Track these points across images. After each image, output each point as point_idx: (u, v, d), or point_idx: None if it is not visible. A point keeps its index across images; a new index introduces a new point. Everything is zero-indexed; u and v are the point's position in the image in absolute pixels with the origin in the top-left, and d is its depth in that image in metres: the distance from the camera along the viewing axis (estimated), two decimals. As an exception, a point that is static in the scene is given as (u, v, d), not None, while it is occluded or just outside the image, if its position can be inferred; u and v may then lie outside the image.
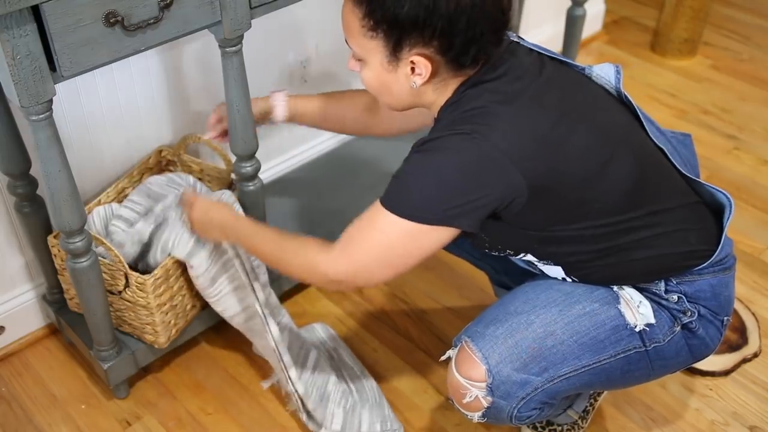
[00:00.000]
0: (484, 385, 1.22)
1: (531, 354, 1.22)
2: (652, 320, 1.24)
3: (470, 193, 1.12)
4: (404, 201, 1.14)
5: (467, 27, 1.09)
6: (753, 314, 1.82)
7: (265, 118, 1.56)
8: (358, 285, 1.25)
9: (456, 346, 1.28)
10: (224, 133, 1.60)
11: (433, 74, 1.16)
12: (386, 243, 1.17)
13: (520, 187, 1.12)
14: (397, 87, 1.19)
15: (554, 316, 1.24)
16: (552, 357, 1.22)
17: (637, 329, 1.24)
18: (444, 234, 1.16)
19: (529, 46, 1.24)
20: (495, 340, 1.23)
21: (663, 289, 1.26)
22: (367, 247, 1.18)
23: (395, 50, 1.13)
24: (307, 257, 1.24)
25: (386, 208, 1.15)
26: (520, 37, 1.26)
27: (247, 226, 1.38)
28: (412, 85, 1.18)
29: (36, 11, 1.07)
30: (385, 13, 1.10)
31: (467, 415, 1.28)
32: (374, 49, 1.15)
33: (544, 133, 1.14)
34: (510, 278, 1.57)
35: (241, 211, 1.55)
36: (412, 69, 1.15)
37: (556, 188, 1.16)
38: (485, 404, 1.24)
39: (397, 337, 1.79)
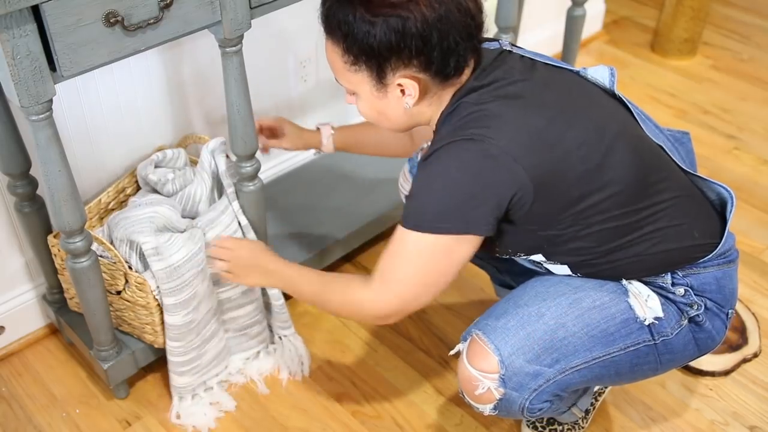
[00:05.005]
0: (496, 376, 1.23)
1: (543, 345, 1.23)
2: (661, 314, 1.25)
3: (479, 194, 1.14)
4: (420, 217, 1.17)
5: (440, 40, 1.12)
6: (753, 314, 1.82)
7: (313, 147, 1.66)
8: (408, 312, 1.27)
9: (465, 340, 1.29)
10: (265, 150, 1.65)
11: (423, 92, 1.19)
12: (418, 266, 1.20)
13: (525, 183, 1.14)
14: (392, 111, 1.23)
15: (565, 309, 1.25)
16: (564, 348, 1.23)
17: (646, 323, 1.25)
18: (467, 242, 1.18)
19: (521, 53, 1.26)
20: (507, 332, 1.24)
21: (669, 282, 1.27)
22: (405, 275, 1.21)
23: (380, 77, 1.17)
24: (354, 304, 1.27)
25: (407, 228, 1.18)
26: (513, 45, 1.28)
27: (288, 271, 1.39)
28: (405, 107, 1.21)
29: (36, 11, 1.07)
30: (360, 46, 1.14)
31: (478, 408, 1.29)
32: (361, 80, 1.19)
33: (541, 129, 1.16)
34: (512, 278, 1.58)
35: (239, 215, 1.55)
36: (402, 91, 1.19)
37: (559, 184, 1.17)
38: (497, 396, 1.24)
39: (397, 337, 1.79)
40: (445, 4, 1.11)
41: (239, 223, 1.55)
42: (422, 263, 1.20)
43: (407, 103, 1.20)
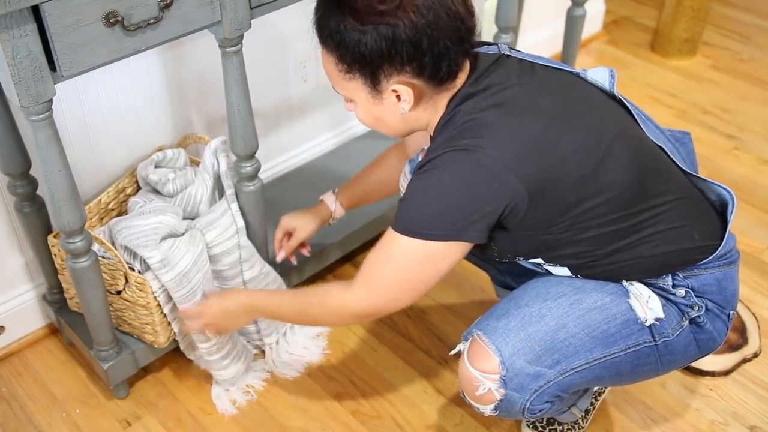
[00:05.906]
0: (497, 377, 1.23)
1: (544, 346, 1.23)
2: (662, 315, 1.25)
3: (472, 204, 1.15)
4: (411, 222, 1.18)
5: (430, 45, 1.13)
6: (753, 314, 1.82)
7: (325, 217, 1.68)
8: (389, 312, 1.29)
9: (466, 340, 1.29)
10: (301, 246, 1.68)
11: (418, 97, 1.19)
12: (404, 269, 1.21)
13: (518, 192, 1.14)
14: (389, 117, 1.23)
15: (566, 310, 1.25)
16: (564, 349, 1.24)
17: (647, 324, 1.25)
18: (456, 249, 1.19)
19: (519, 57, 1.27)
20: (508, 333, 1.24)
21: (670, 283, 1.27)
22: (388, 278, 1.23)
23: (374, 84, 1.18)
24: (333, 305, 1.30)
25: (397, 232, 1.19)
26: (512, 49, 1.29)
27: (265, 301, 1.43)
28: (401, 112, 1.21)
29: (36, 11, 1.07)
30: (353, 54, 1.15)
31: (479, 409, 1.29)
32: (356, 88, 1.20)
33: (536, 136, 1.16)
34: (513, 278, 1.58)
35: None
36: (398, 97, 1.19)
37: (555, 189, 1.17)
38: (498, 397, 1.25)
39: (397, 337, 1.79)
40: (433, 9, 1.11)
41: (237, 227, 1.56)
42: (408, 267, 1.21)
43: (403, 108, 1.20)
